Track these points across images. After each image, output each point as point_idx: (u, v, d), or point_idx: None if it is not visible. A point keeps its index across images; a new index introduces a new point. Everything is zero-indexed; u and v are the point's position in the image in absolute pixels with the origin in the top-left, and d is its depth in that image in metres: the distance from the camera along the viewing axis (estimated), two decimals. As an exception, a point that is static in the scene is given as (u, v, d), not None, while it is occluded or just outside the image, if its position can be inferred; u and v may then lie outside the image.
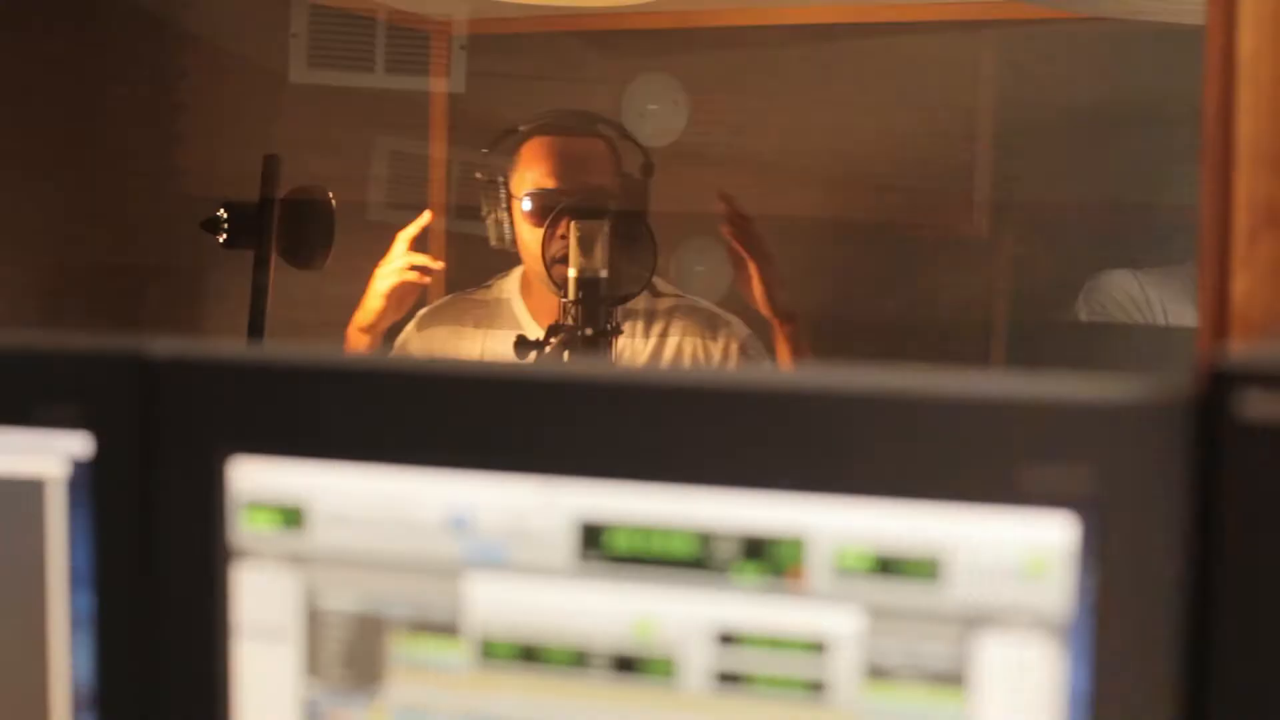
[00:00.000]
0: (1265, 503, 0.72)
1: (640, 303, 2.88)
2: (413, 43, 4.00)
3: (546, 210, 2.75)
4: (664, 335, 2.89)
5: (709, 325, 2.91)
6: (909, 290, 3.97)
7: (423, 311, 3.03)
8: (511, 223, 2.84)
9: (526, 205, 2.79)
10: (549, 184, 2.80)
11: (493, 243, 2.88)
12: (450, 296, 3.06)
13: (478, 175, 2.90)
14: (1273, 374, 0.71)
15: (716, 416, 0.82)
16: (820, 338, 3.12)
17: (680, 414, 0.83)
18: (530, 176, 2.83)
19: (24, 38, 3.87)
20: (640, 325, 2.88)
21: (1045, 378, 0.78)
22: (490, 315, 2.92)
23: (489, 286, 2.99)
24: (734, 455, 0.82)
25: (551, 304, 2.78)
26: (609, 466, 0.84)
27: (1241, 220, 1.15)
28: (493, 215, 2.87)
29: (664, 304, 2.92)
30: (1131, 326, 3.35)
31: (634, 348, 2.85)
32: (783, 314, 2.79)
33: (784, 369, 2.25)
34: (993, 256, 3.98)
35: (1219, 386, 0.72)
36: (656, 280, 2.93)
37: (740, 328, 2.94)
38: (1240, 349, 0.74)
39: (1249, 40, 1.14)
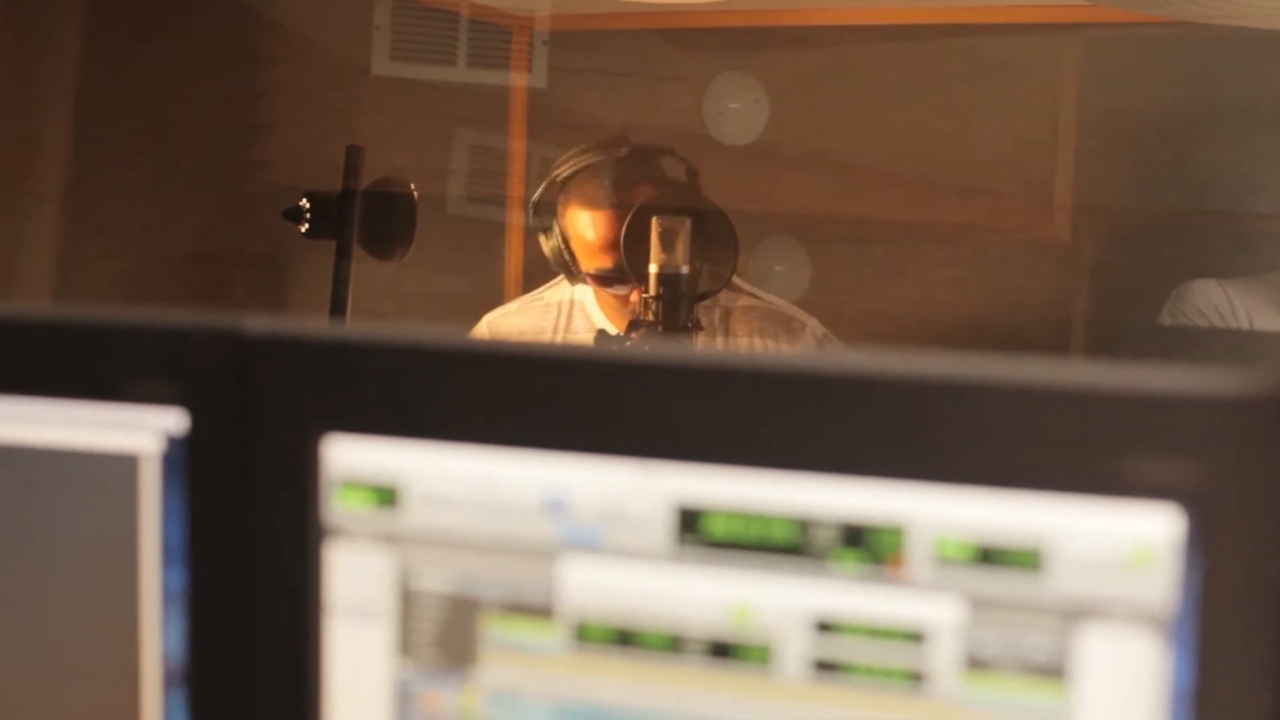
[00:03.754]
0: (1380, 497, 0.70)
1: (718, 299, 2.86)
2: (495, 37, 4.01)
3: (613, 282, 2.72)
4: (736, 335, 2.87)
5: (785, 328, 2.89)
6: (988, 293, 3.94)
7: (492, 315, 3.01)
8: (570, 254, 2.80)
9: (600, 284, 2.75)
10: (606, 263, 2.73)
11: (554, 267, 2.82)
12: (517, 301, 3.03)
13: (540, 237, 2.85)
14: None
15: (818, 402, 0.81)
16: (897, 339, 3.10)
17: (782, 399, 0.82)
18: (580, 214, 2.76)
19: (112, 27, 3.89)
20: (716, 323, 2.86)
21: (1152, 370, 0.77)
22: (565, 317, 2.89)
23: (555, 288, 2.95)
24: (835, 441, 0.81)
25: (625, 303, 2.75)
26: (708, 451, 0.83)
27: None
28: (546, 241, 2.81)
29: (741, 302, 2.90)
30: (1214, 333, 3.32)
31: (708, 345, 2.83)
32: None
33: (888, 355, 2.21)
34: (1072, 261, 3.95)
35: (1334, 378, 0.71)
36: (736, 279, 2.91)
37: (817, 327, 2.92)
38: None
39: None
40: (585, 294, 2.88)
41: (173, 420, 0.94)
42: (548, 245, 2.79)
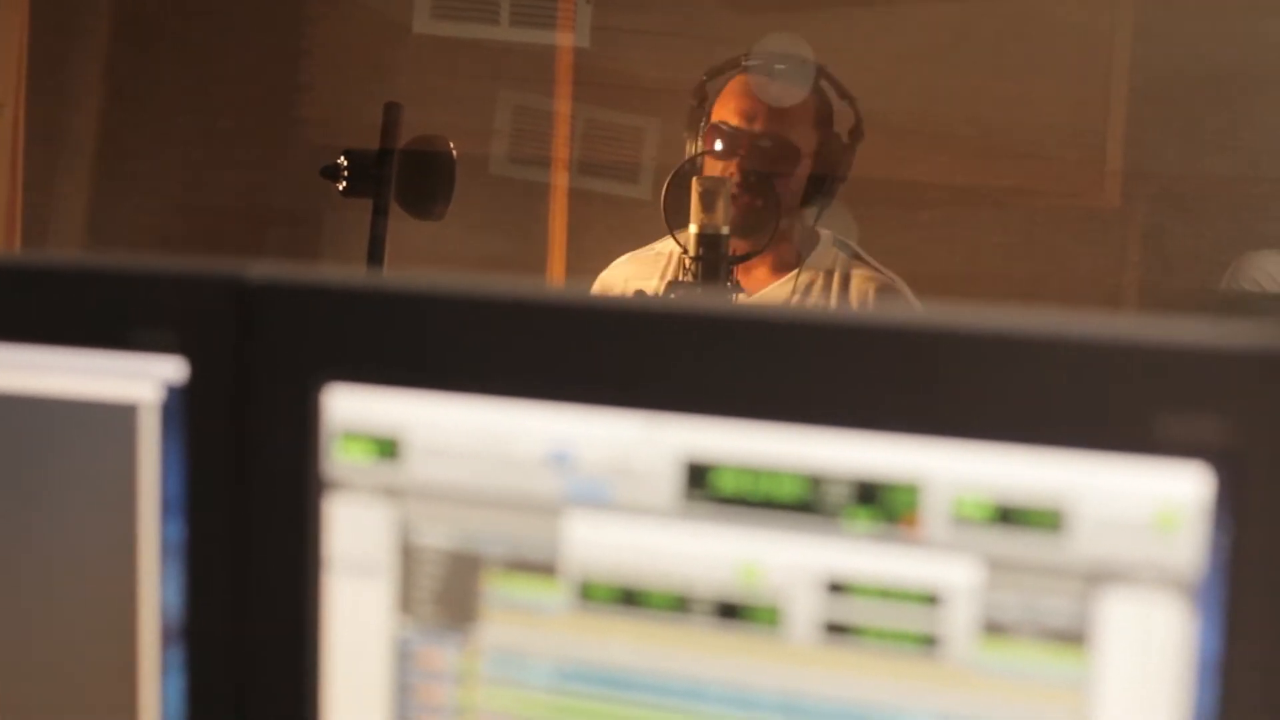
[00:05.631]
0: None
1: (837, 267, 2.84)
2: (538, -4, 3.98)
3: (728, 146, 2.73)
4: (847, 301, 2.84)
5: (893, 302, 2.86)
6: (1037, 259, 3.90)
7: (615, 263, 3.01)
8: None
9: (714, 138, 2.77)
10: (736, 122, 2.77)
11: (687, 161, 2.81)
12: (629, 254, 3.00)
13: (692, 103, 2.87)
14: None
15: (830, 354, 0.78)
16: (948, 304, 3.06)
17: (792, 351, 0.79)
18: (725, 110, 2.80)
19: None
20: (835, 287, 2.83)
21: (1181, 323, 0.73)
22: (671, 266, 2.86)
23: (667, 239, 2.91)
24: (848, 395, 0.78)
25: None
26: (717, 404, 0.80)
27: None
28: (691, 142, 2.83)
29: (859, 271, 2.87)
30: (1269, 300, 3.28)
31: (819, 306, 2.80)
32: None
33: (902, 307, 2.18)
34: (1124, 227, 3.91)
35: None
36: (858, 250, 2.89)
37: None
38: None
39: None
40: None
41: (172, 369, 0.92)
42: (690, 141, 2.83)
